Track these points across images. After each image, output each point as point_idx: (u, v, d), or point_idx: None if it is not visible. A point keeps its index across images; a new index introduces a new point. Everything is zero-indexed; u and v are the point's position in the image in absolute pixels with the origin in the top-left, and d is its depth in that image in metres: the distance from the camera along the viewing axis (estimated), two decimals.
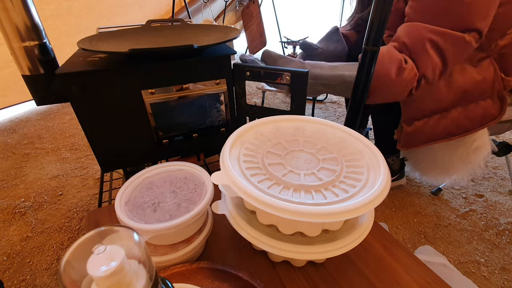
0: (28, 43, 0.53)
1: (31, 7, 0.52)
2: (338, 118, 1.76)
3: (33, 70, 0.55)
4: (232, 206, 0.42)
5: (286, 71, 0.58)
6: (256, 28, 1.30)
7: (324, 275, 0.44)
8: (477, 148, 0.83)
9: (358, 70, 0.63)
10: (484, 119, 0.77)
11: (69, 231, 0.98)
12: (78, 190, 1.18)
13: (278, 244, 0.37)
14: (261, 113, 0.65)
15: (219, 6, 2.82)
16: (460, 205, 1.06)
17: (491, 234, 0.94)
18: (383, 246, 0.48)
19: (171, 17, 2.34)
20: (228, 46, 0.65)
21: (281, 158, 0.43)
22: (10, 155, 1.42)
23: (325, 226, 0.38)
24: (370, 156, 0.43)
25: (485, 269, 0.83)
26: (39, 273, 0.85)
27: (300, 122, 0.52)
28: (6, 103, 1.79)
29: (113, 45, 0.56)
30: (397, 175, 1.13)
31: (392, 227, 0.98)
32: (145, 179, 0.47)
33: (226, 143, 0.43)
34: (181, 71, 0.57)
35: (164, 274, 0.40)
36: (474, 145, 0.82)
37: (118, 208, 0.40)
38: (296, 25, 4.32)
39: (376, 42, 0.57)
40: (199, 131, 0.65)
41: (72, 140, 1.56)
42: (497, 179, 1.19)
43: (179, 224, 0.38)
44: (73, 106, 0.52)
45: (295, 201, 0.35)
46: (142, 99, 0.55)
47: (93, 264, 0.18)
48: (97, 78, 0.51)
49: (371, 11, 0.55)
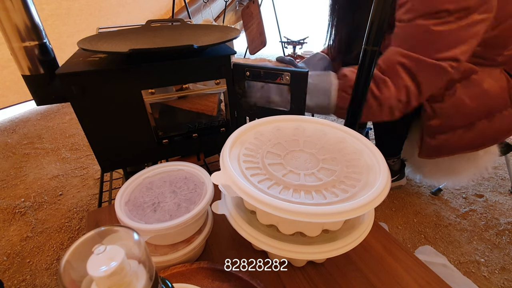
0: (28, 43, 0.53)
1: (31, 7, 0.52)
2: (338, 118, 1.76)
3: (33, 70, 0.55)
4: (232, 206, 0.42)
5: (286, 71, 0.58)
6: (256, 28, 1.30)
7: (324, 275, 0.44)
8: (486, 152, 0.83)
9: (358, 70, 0.63)
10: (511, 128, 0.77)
11: (69, 231, 0.98)
12: (78, 190, 1.18)
13: (278, 244, 0.37)
14: (261, 113, 0.65)
15: (219, 6, 2.82)
16: (460, 205, 1.06)
17: (491, 234, 0.94)
18: (383, 246, 0.48)
19: (171, 17, 2.34)
20: (228, 46, 0.65)
21: (281, 158, 0.43)
22: (10, 155, 1.42)
23: (325, 226, 0.38)
24: (370, 156, 0.43)
25: (485, 269, 0.83)
26: (39, 273, 0.85)
27: (300, 122, 0.52)
28: (6, 103, 1.79)
29: (113, 45, 0.56)
30: (397, 175, 1.13)
31: (392, 227, 0.98)
32: (145, 179, 0.47)
33: (226, 143, 0.43)
34: (181, 71, 0.57)
35: (164, 274, 0.40)
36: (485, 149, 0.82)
37: (118, 208, 0.40)
38: (296, 25, 4.32)
39: (376, 42, 0.57)
40: (199, 131, 0.65)
41: (72, 140, 1.56)
42: (497, 179, 1.19)
43: (179, 224, 0.38)
44: (73, 106, 0.52)
45: (295, 201, 0.35)
46: (142, 99, 0.55)
47: (93, 264, 0.18)
48: (97, 78, 0.51)
49: (371, 11, 0.55)
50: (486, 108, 0.76)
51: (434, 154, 0.88)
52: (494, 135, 0.78)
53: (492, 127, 0.77)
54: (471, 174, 0.89)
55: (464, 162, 0.87)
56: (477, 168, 0.86)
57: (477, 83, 0.74)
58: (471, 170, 0.88)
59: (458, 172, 0.90)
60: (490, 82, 0.74)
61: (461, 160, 0.87)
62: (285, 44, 2.21)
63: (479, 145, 0.80)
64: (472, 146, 0.81)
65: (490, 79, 0.74)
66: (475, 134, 0.78)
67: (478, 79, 0.74)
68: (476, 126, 0.77)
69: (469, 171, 0.88)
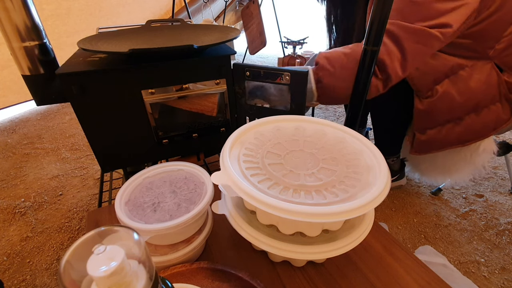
0: (28, 43, 0.53)
1: (31, 7, 0.52)
2: (338, 118, 1.76)
3: (33, 70, 0.55)
4: (232, 206, 0.42)
5: (286, 71, 0.58)
6: (256, 28, 1.30)
7: (324, 275, 0.44)
8: (484, 150, 0.83)
9: (358, 70, 0.63)
10: (497, 123, 0.77)
11: (69, 231, 0.98)
12: (78, 190, 1.18)
13: (278, 244, 0.37)
14: (261, 113, 0.65)
15: (219, 6, 2.82)
16: (460, 205, 1.06)
17: (491, 234, 0.94)
18: (383, 246, 0.48)
19: (171, 17, 2.34)
20: (228, 46, 0.65)
21: (281, 158, 0.43)
22: (10, 155, 1.42)
23: (325, 226, 0.38)
24: (370, 156, 0.43)
25: (485, 269, 0.83)
26: (39, 273, 0.85)
27: (300, 122, 0.52)
28: (6, 103, 1.79)
29: (113, 45, 0.56)
30: (397, 175, 1.13)
31: (392, 227, 0.98)
32: (145, 179, 0.47)
33: (226, 143, 0.43)
34: (181, 71, 0.57)
35: (164, 274, 0.40)
36: (481, 147, 0.83)
37: (118, 208, 0.40)
38: (296, 25, 4.32)
39: (376, 42, 0.57)
40: (199, 131, 0.65)
41: (72, 140, 1.56)
42: (497, 179, 1.19)
43: (179, 224, 0.38)
44: (73, 106, 0.52)
45: (295, 201, 0.35)
46: (142, 99, 0.55)
47: (93, 264, 0.18)
48: (97, 78, 0.51)
49: (372, 10, 0.55)
50: (474, 103, 0.76)
51: (424, 150, 0.88)
52: (481, 130, 0.78)
53: (479, 121, 0.77)
54: (466, 172, 0.89)
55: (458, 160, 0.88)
56: (472, 166, 0.87)
57: (465, 79, 0.75)
58: (466, 168, 0.88)
59: (453, 170, 0.90)
60: (478, 78, 0.74)
61: (455, 157, 0.88)
62: (285, 44, 2.20)
63: (467, 140, 0.81)
64: (460, 141, 0.81)
65: (478, 75, 0.74)
66: (464, 129, 0.79)
67: (466, 75, 0.75)
68: (465, 121, 0.78)
69: (465, 169, 0.88)
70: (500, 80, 0.74)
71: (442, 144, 0.84)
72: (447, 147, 0.84)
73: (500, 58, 0.74)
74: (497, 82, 0.74)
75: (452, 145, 0.83)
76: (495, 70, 0.74)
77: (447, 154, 0.89)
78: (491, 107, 0.76)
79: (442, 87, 0.77)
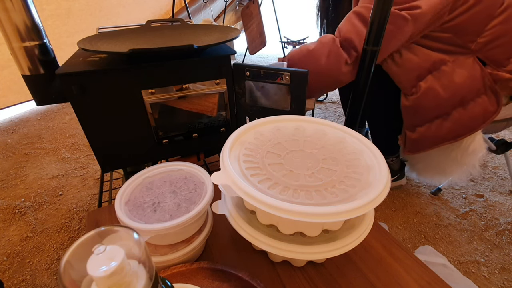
0: (28, 43, 0.53)
1: (31, 7, 0.52)
2: (338, 118, 1.76)
3: (33, 70, 0.55)
4: (232, 206, 0.42)
5: (286, 71, 0.58)
6: (256, 28, 1.30)
7: (324, 275, 0.44)
8: (473, 150, 0.83)
9: (358, 70, 0.63)
10: (485, 115, 0.77)
11: (69, 231, 0.98)
12: (78, 190, 1.18)
13: (278, 244, 0.37)
14: (261, 113, 0.65)
15: (219, 6, 2.82)
16: (460, 205, 1.06)
17: (491, 234, 0.94)
18: (383, 246, 0.48)
19: (171, 17, 2.34)
20: (228, 46, 0.65)
21: (281, 158, 0.43)
22: (10, 155, 1.42)
23: (325, 226, 0.38)
24: (370, 156, 0.43)
25: (485, 269, 0.83)
26: (39, 273, 0.85)
27: (300, 122, 0.52)
28: (6, 103, 1.79)
29: (113, 45, 0.56)
30: (397, 175, 1.13)
31: (392, 227, 0.98)
32: (145, 179, 0.47)
33: (226, 143, 0.43)
34: (181, 71, 0.57)
35: (164, 274, 0.40)
36: (471, 148, 0.83)
37: (118, 208, 0.40)
38: (296, 25, 4.32)
39: (376, 42, 0.57)
40: (199, 131, 0.65)
41: (72, 140, 1.56)
42: (497, 179, 1.19)
43: (179, 224, 0.38)
44: (73, 106, 0.52)
45: (295, 201, 0.35)
46: (142, 99, 0.55)
47: (93, 264, 0.18)
48: (97, 78, 0.51)
49: (372, 10, 0.55)
50: (460, 97, 0.77)
51: (416, 149, 0.89)
52: (471, 123, 0.79)
53: (467, 114, 0.77)
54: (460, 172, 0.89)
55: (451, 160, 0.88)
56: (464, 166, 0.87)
57: (448, 74, 0.75)
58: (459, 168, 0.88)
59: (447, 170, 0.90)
60: (461, 72, 0.75)
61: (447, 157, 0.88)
62: (285, 44, 2.21)
63: (458, 135, 0.81)
64: (450, 136, 0.81)
65: (461, 69, 0.75)
66: (452, 123, 0.79)
67: (449, 70, 0.75)
68: (452, 115, 0.79)
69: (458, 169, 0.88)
70: (483, 73, 0.75)
71: (433, 141, 0.84)
72: (438, 144, 0.84)
73: (483, 52, 0.74)
74: (481, 75, 0.75)
75: (443, 141, 0.83)
76: (478, 64, 0.75)
77: (441, 154, 0.89)
78: (477, 100, 0.76)
79: (426, 83, 0.78)
